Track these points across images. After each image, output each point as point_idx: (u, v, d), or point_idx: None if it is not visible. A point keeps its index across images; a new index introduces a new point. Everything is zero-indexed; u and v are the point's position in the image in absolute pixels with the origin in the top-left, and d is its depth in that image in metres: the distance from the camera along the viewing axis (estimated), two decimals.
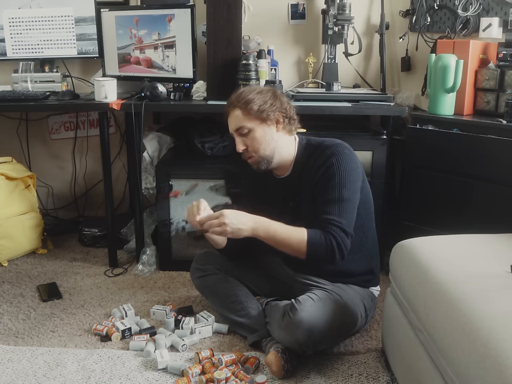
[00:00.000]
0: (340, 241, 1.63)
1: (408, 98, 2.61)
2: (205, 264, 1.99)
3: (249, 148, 1.76)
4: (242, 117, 1.73)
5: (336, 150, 1.71)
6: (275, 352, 1.64)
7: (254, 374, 1.65)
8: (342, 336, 1.79)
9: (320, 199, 1.70)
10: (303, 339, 1.59)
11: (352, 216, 1.69)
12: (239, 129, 1.75)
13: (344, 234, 1.64)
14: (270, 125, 1.74)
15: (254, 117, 1.72)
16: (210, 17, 2.31)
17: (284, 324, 1.63)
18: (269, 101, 1.72)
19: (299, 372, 1.67)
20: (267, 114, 1.72)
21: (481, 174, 2.04)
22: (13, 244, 2.52)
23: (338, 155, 1.70)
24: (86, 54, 2.68)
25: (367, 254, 1.86)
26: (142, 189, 2.45)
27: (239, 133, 1.75)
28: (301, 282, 1.82)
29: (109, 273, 2.43)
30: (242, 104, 1.72)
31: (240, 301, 1.85)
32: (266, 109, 1.71)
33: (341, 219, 1.65)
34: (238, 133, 1.76)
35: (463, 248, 1.54)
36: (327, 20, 2.50)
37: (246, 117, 1.72)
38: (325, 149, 1.74)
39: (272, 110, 1.72)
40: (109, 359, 1.74)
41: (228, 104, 1.78)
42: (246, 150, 1.77)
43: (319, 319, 1.60)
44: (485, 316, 1.14)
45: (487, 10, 2.36)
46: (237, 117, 1.74)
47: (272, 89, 1.82)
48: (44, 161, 3.05)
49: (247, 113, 1.72)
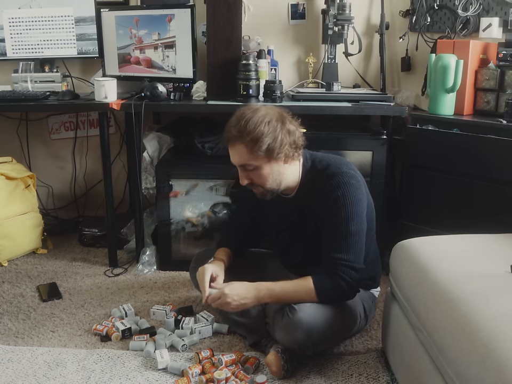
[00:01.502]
0: (349, 279, 1.58)
1: (408, 98, 2.61)
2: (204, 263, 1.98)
3: (254, 181, 1.65)
4: (248, 155, 1.58)
5: (342, 180, 1.62)
6: (275, 352, 1.64)
7: (254, 374, 1.65)
8: (341, 337, 1.79)
9: (327, 234, 1.64)
10: (302, 339, 1.59)
11: (361, 249, 1.63)
12: (243, 165, 1.62)
13: (353, 271, 1.59)
14: (278, 161, 1.61)
15: (262, 156, 1.57)
16: (210, 17, 2.31)
17: (283, 324, 1.63)
18: (279, 137, 1.56)
19: (299, 372, 1.67)
20: (277, 153, 1.57)
21: (481, 174, 2.04)
22: (13, 244, 2.52)
23: (344, 186, 1.61)
24: (86, 54, 2.68)
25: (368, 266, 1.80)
26: (142, 189, 2.45)
27: (244, 168, 1.63)
28: None
29: (109, 273, 2.43)
30: (248, 141, 1.55)
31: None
32: (276, 148, 1.56)
33: (349, 256, 1.59)
34: (242, 168, 1.64)
35: (463, 248, 1.54)
36: (327, 20, 2.50)
37: (252, 155, 1.57)
38: (330, 177, 1.63)
39: (282, 149, 1.58)
40: (109, 359, 1.74)
41: (229, 133, 1.59)
42: (250, 184, 1.67)
43: (318, 320, 1.59)
44: (485, 316, 1.14)
45: (487, 10, 2.36)
46: (242, 153, 1.59)
47: (280, 115, 1.62)
48: (44, 161, 3.05)
49: (254, 152, 1.56)
